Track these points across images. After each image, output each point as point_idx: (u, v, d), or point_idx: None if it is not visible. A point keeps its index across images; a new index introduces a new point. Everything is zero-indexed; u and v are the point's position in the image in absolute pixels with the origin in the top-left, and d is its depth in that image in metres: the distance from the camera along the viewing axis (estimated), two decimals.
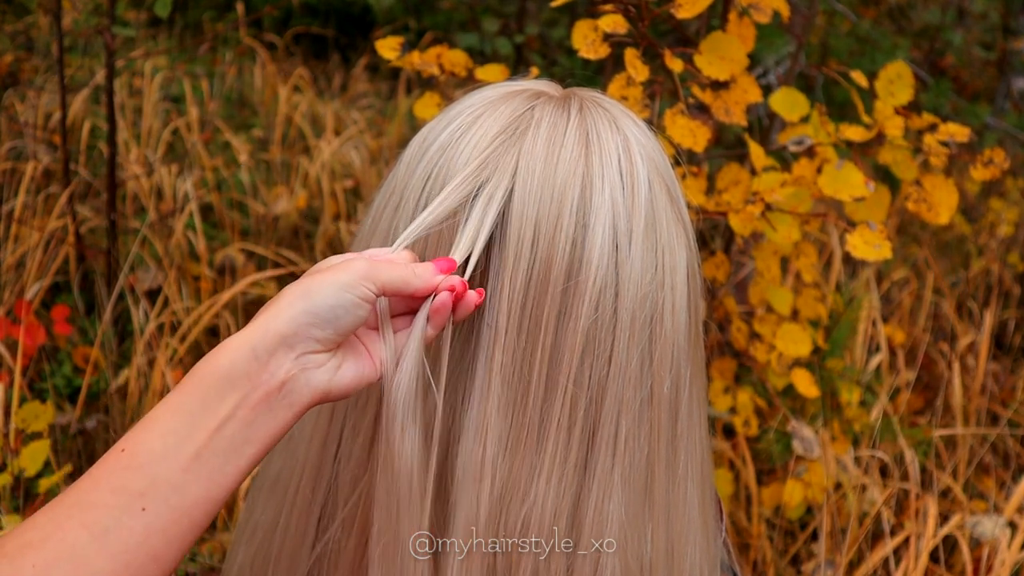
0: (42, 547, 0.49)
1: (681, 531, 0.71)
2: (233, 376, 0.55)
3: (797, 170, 1.23)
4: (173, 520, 0.52)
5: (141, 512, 0.51)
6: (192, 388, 0.54)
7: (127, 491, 0.51)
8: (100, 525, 0.50)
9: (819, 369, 1.75)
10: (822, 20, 2.95)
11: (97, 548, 0.50)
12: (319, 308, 0.57)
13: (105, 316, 1.83)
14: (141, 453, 0.52)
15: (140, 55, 2.36)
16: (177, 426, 0.53)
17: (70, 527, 0.50)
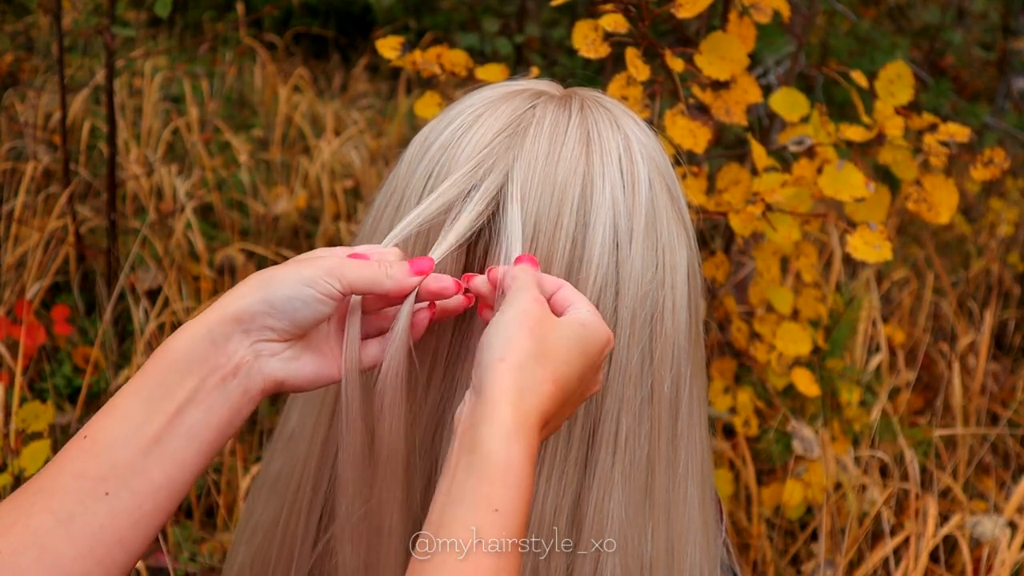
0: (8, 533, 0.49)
1: (681, 530, 0.71)
2: (191, 359, 0.55)
3: (797, 170, 1.23)
4: (136, 504, 0.53)
5: (104, 496, 0.52)
6: (151, 371, 0.55)
7: (89, 476, 0.52)
8: (65, 510, 0.51)
9: (819, 369, 1.75)
10: (822, 20, 2.95)
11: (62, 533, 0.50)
12: (276, 298, 0.57)
13: (105, 316, 1.83)
14: (102, 439, 0.53)
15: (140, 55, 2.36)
16: (136, 410, 0.54)
17: (35, 512, 0.50)
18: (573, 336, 0.58)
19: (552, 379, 0.56)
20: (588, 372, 0.59)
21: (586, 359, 0.58)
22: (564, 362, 0.57)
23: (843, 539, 1.65)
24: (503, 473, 0.51)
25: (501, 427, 0.52)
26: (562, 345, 0.57)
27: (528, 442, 0.53)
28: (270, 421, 1.85)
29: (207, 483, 1.66)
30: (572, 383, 0.57)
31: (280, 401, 1.93)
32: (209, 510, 1.70)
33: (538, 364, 0.55)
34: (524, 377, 0.54)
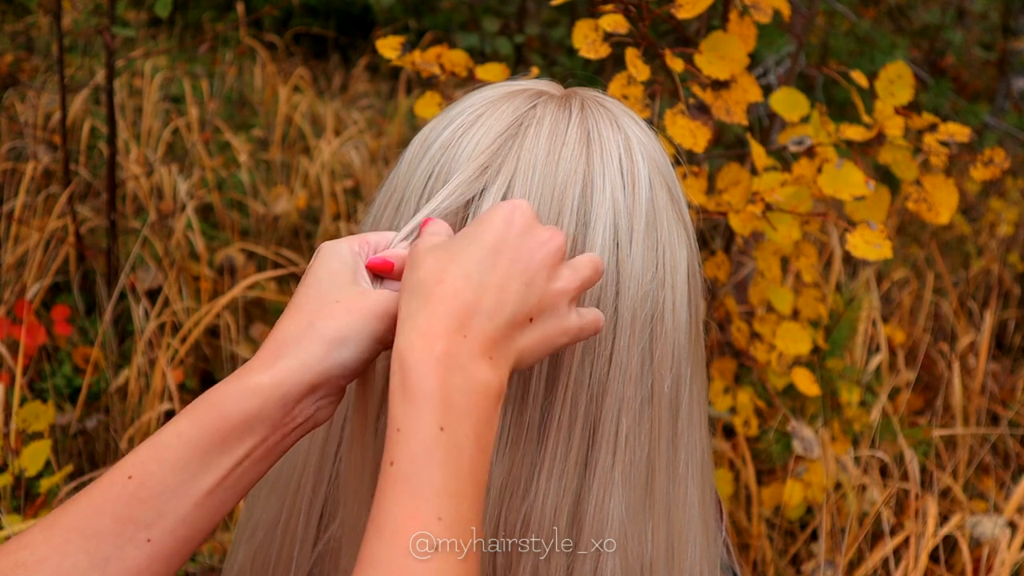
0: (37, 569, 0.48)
1: (681, 530, 0.72)
2: (257, 422, 0.54)
3: (797, 170, 1.23)
4: (176, 549, 0.52)
5: (146, 543, 0.51)
6: (210, 423, 0.53)
7: (133, 522, 0.50)
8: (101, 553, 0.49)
9: (819, 369, 1.75)
10: (822, 20, 2.95)
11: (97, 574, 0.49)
12: (350, 361, 0.56)
13: (105, 316, 1.83)
14: (151, 485, 0.51)
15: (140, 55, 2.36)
16: (191, 461, 0.52)
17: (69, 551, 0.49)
18: (451, 241, 0.58)
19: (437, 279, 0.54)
20: (499, 243, 0.57)
21: (479, 239, 0.57)
22: (447, 260, 0.56)
23: (843, 539, 1.65)
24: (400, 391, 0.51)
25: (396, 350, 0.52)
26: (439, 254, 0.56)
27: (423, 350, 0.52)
28: None
29: None
30: (471, 266, 0.55)
31: None
32: None
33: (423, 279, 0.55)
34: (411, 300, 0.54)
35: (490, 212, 0.59)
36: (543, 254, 0.58)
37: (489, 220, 0.58)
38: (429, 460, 0.50)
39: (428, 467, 0.50)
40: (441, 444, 0.50)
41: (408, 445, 0.50)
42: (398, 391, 0.51)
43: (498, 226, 0.58)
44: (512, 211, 0.59)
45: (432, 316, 0.53)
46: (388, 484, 0.50)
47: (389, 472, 0.50)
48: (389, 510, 0.49)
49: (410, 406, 0.51)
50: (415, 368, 0.51)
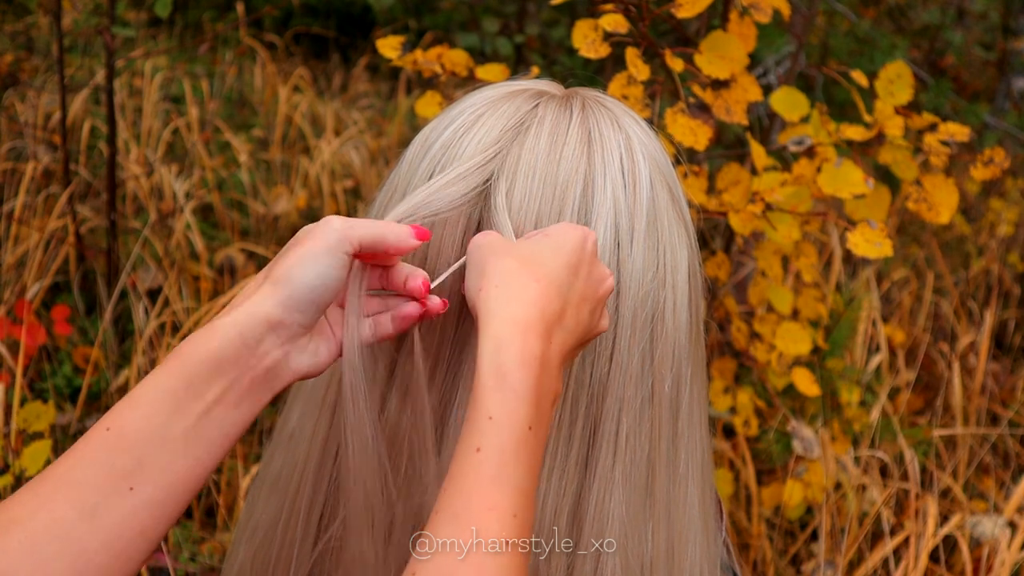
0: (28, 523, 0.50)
1: (682, 530, 0.72)
2: (222, 361, 0.55)
3: (797, 169, 1.23)
4: (159, 499, 0.53)
5: (129, 491, 0.52)
6: (178, 369, 0.54)
7: (115, 470, 0.52)
8: (88, 503, 0.51)
9: (819, 369, 1.75)
10: (822, 20, 2.95)
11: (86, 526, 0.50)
12: (303, 289, 0.57)
13: (105, 316, 1.82)
14: (128, 433, 0.53)
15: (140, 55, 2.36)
16: (163, 406, 0.53)
17: (56, 504, 0.50)
18: (539, 243, 0.60)
19: (534, 278, 0.56)
20: (580, 266, 0.59)
21: (563, 253, 0.59)
22: (540, 263, 0.58)
23: (843, 539, 1.65)
24: (495, 379, 0.52)
25: (491, 339, 0.53)
26: (531, 250, 0.58)
27: (524, 346, 0.53)
28: (270, 420, 1.85)
29: (207, 483, 1.66)
30: (561, 278, 0.58)
31: (280, 401, 1.93)
32: (209, 510, 1.70)
33: (515, 274, 0.56)
34: (505, 290, 0.55)
35: (564, 229, 0.61)
36: (603, 290, 0.61)
37: (565, 238, 0.60)
38: (518, 456, 0.51)
39: (516, 462, 0.51)
40: (528, 443, 0.52)
41: (499, 436, 0.51)
42: (493, 379, 0.52)
43: (576, 247, 0.60)
44: (585, 237, 0.61)
45: (529, 312, 0.55)
46: (471, 469, 0.50)
47: (474, 458, 0.50)
48: (469, 497, 0.50)
49: (507, 398, 0.52)
50: (515, 362, 0.53)
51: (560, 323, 0.57)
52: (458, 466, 0.51)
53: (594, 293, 0.60)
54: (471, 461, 0.51)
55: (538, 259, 0.58)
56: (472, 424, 0.52)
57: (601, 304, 0.61)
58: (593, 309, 0.60)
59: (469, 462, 0.51)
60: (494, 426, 0.51)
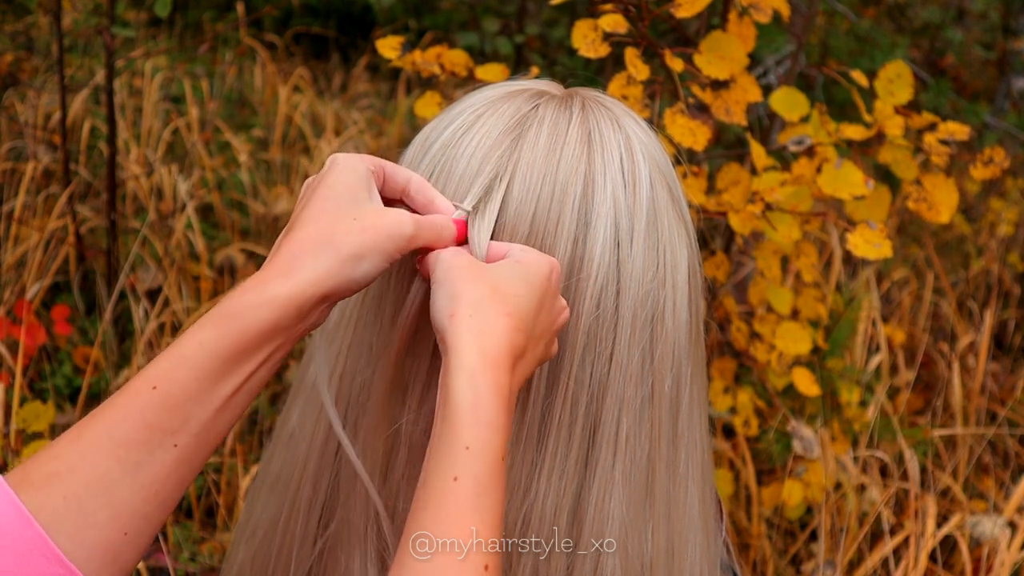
0: (71, 477, 0.51)
1: (682, 530, 0.72)
2: (276, 331, 0.56)
3: (797, 169, 1.23)
4: (198, 452, 0.55)
5: (173, 448, 0.53)
6: (230, 333, 0.55)
7: (160, 429, 0.53)
8: (132, 459, 0.52)
9: (819, 369, 1.75)
10: (822, 20, 2.95)
11: (129, 481, 0.52)
12: (364, 276, 0.58)
13: (105, 316, 1.82)
14: (176, 393, 0.53)
15: (140, 55, 2.36)
16: (213, 370, 0.55)
17: (99, 459, 0.51)
18: (511, 272, 0.60)
19: (505, 312, 0.57)
20: (544, 300, 0.60)
21: (533, 288, 0.60)
22: (511, 295, 0.58)
23: (843, 539, 1.65)
24: (471, 412, 0.53)
25: (464, 371, 0.54)
26: (503, 282, 0.59)
27: (495, 379, 0.54)
28: (270, 420, 1.85)
29: (207, 483, 1.66)
30: (528, 313, 0.59)
31: (280, 401, 1.93)
32: (209, 510, 1.70)
33: (487, 304, 0.57)
34: (477, 319, 0.56)
35: (534, 260, 0.61)
36: (560, 323, 0.62)
37: (535, 270, 0.61)
38: (494, 483, 0.53)
39: (492, 489, 0.53)
40: (501, 471, 0.54)
41: (475, 466, 0.52)
42: (469, 411, 0.53)
43: (544, 280, 0.61)
44: (552, 269, 0.62)
45: (499, 346, 0.56)
46: (448, 497, 0.52)
47: (451, 487, 0.52)
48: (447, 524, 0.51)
49: (482, 430, 0.53)
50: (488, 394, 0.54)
51: (522, 358, 0.58)
52: (433, 494, 0.52)
53: (551, 325, 0.62)
54: (448, 489, 0.52)
55: (509, 290, 0.59)
56: (447, 453, 0.53)
57: (555, 334, 0.63)
58: (548, 341, 0.62)
59: (447, 490, 0.52)
60: (471, 456, 0.52)
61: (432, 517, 0.51)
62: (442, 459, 0.53)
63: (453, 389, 0.54)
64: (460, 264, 0.60)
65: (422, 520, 0.52)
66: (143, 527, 0.52)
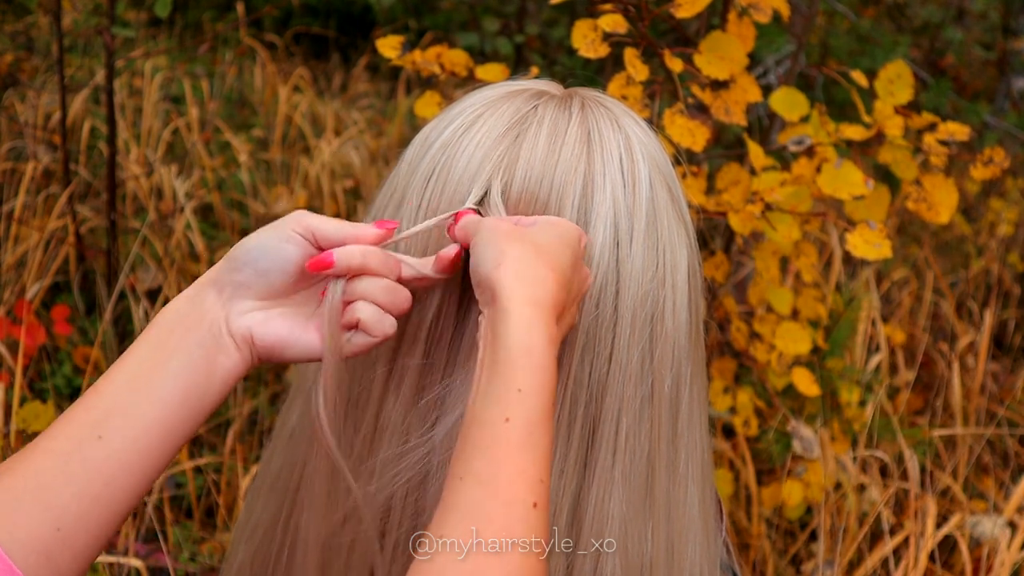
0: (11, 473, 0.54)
1: (681, 530, 0.71)
2: (176, 319, 0.61)
3: (796, 169, 1.23)
4: (125, 448, 0.56)
5: (98, 439, 0.56)
6: (147, 336, 0.60)
7: (88, 420, 0.56)
8: (62, 451, 0.55)
9: (819, 369, 1.75)
10: (822, 20, 2.95)
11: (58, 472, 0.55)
12: (239, 252, 0.62)
13: (105, 316, 1.82)
14: (103, 388, 0.58)
15: (140, 55, 2.36)
16: (135, 365, 0.59)
17: (36, 455, 0.55)
18: (551, 229, 0.61)
19: (550, 267, 0.58)
20: (577, 261, 0.62)
21: (568, 248, 0.61)
22: (553, 252, 0.59)
23: (842, 539, 1.65)
24: (525, 355, 0.54)
25: (520, 318, 0.55)
26: (545, 239, 0.60)
27: (547, 329, 0.56)
28: (269, 420, 1.85)
29: (207, 483, 1.66)
30: (568, 270, 0.60)
31: (280, 401, 1.93)
32: (209, 510, 1.70)
33: (532, 258, 0.58)
34: (526, 270, 0.57)
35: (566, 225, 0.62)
36: (584, 289, 0.64)
37: (569, 232, 0.62)
38: (545, 425, 0.54)
39: (544, 431, 0.54)
40: (551, 414, 0.55)
41: (528, 406, 0.53)
42: (523, 355, 0.54)
43: (576, 243, 0.62)
44: (581, 235, 0.63)
45: (547, 296, 0.57)
46: (500, 437, 0.53)
47: (503, 427, 0.53)
48: (498, 463, 0.52)
49: (536, 372, 0.54)
50: (541, 341, 0.55)
51: (564, 314, 0.60)
52: (483, 434, 0.53)
53: (580, 288, 0.63)
54: (500, 430, 0.53)
55: (551, 248, 0.60)
56: (497, 396, 0.54)
57: (578, 302, 0.64)
58: (577, 305, 0.63)
59: (498, 430, 0.53)
60: (524, 397, 0.54)
61: (482, 455, 0.52)
62: (494, 401, 0.54)
63: (506, 334, 0.55)
64: (502, 227, 0.61)
65: (471, 459, 0.52)
66: (75, 527, 0.54)
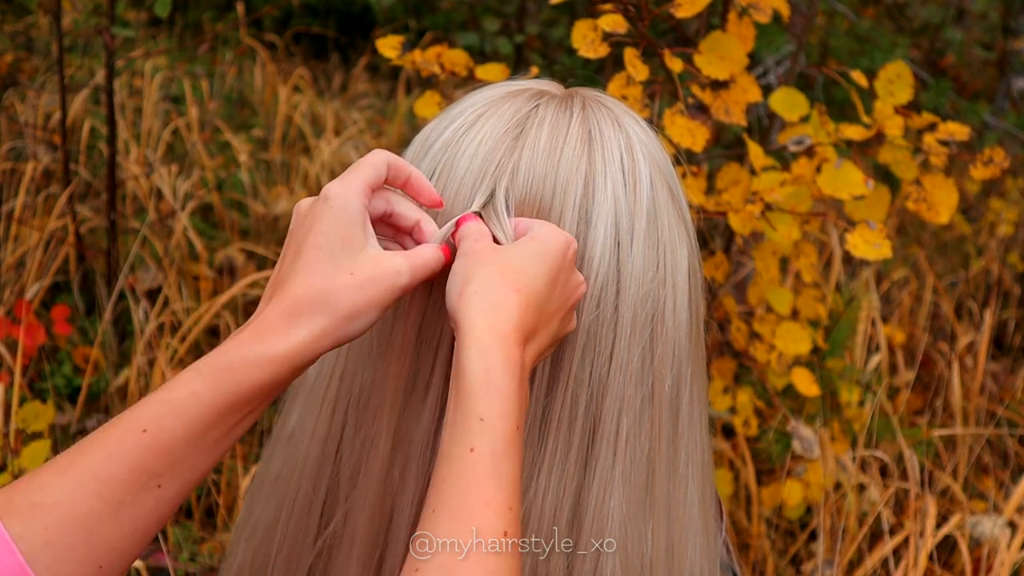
0: (54, 511, 0.51)
1: (682, 530, 0.72)
2: (270, 388, 0.57)
3: (796, 169, 1.23)
4: (180, 492, 0.55)
5: (156, 488, 0.54)
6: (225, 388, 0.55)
7: (147, 472, 0.53)
8: (116, 499, 0.52)
9: (819, 369, 1.75)
10: (822, 20, 2.95)
11: (110, 518, 0.52)
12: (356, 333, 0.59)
13: (105, 316, 1.82)
14: (165, 439, 0.54)
15: (140, 55, 2.36)
16: (204, 420, 0.55)
17: (84, 496, 0.52)
18: (525, 250, 0.61)
19: (515, 288, 0.58)
20: (558, 275, 0.61)
21: (545, 265, 0.60)
22: (522, 272, 0.59)
23: (842, 539, 1.65)
24: (483, 383, 0.54)
25: (476, 344, 0.55)
26: (515, 260, 0.60)
27: (507, 354, 0.55)
28: (269, 420, 1.85)
29: (207, 483, 1.66)
30: (539, 290, 0.59)
31: (280, 401, 1.93)
32: (209, 510, 1.70)
33: (496, 282, 0.58)
34: (487, 296, 0.57)
35: (549, 235, 0.62)
36: (576, 297, 0.63)
37: (549, 245, 0.61)
38: (509, 453, 0.54)
39: (509, 459, 0.54)
40: (517, 441, 0.55)
41: (491, 435, 0.53)
42: (481, 383, 0.54)
43: (558, 256, 0.61)
44: (568, 245, 0.62)
45: (509, 322, 0.57)
46: (466, 469, 0.53)
47: (468, 457, 0.53)
48: (466, 495, 0.52)
49: (495, 400, 0.54)
50: (500, 367, 0.55)
51: (534, 335, 0.59)
52: (451, 466, 0.53)
53: (567, 302, 0.62)
54: (466, 461, 0.53)
55: (521, 267, 0.59)
56: (462, 426, 0.54)
57: (572, 309, 0.63)
58: (563, 317, 0.62)
59: (464, 462, 0.53)
60: (486, 427, 0.53)
61: (451, 487, 0.52)
62: (458, 432, 0.54)
63: (465, 363, 0.55)
64: (475, 249, 0.60)
65: (442, 492, 0.53)
66: (118, 562, 0.53)
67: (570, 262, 0.62)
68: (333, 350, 0.70)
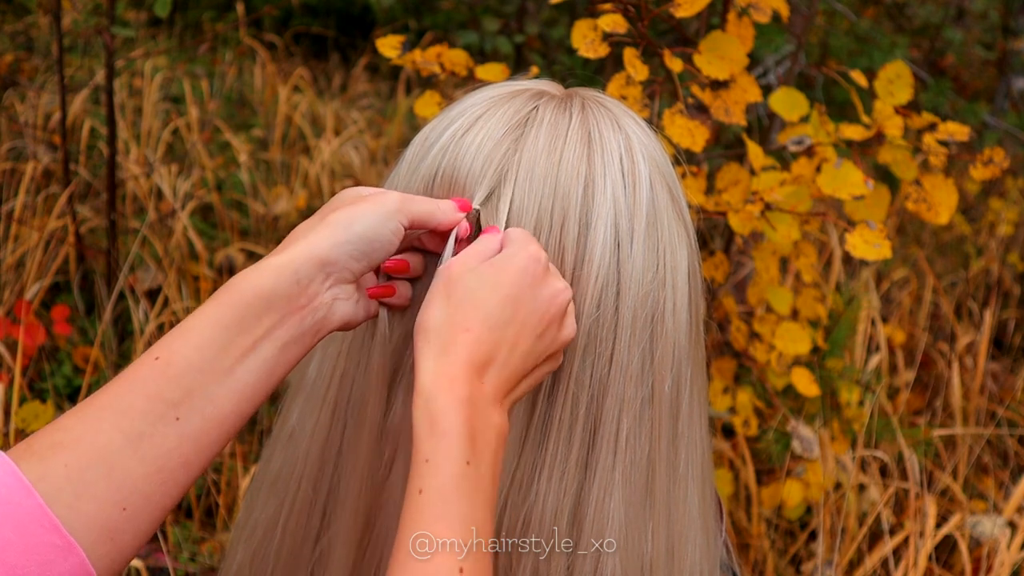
0: (74, 447, 0.50)
1: (682, 530, 0.72)
2: (273, 298, 0.57)
3: (796, 169, 1.23)
4: (205, 430, 0.54)
5: (175, 421, 0.53)
6: (229, 302, 0.56)
7: (162, 399, 0.53)
8: (135, 430, 0.52)
9: (819, 369, 1.75)
10: (822, 20, 2.95)
11: (131, 452, 0.52)
12: (360, 239, 0.59)
13: (105, 316, 1.82)
14: (177, 363, 0.54)
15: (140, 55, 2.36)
16: (213, 339, 0.55)
17: (102, 428, 0.51)
18: (477, 281, 0.60)
19: (464, 328, 0.58)
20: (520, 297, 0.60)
21: (501, 291, 0.60)
22: (473, 307, 0.59)
23: (842, 539, 1.65)
24: (428, 426, 0.54)
25: (421, 394, 0.56)
26: (467, 294, 0.59)
27: (455, 395, 0.55)
28: (269, 420, 1.85)
29: (207, 483, 1.66)
30: (496, 318, 0.59)
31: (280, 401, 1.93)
32: (209, 510, 1.70)
33: (446, 323, 0.58)
34: (437, 340, 0.57)
35: (509, 257, 0.61)
36: (555, 308, 0.62)
37: (508, 267, 0.61)
38: (458, 491, 0.53)
39: (458, 497, 0.53)
40: (468, 477, 0.54)
41: (437, 476, 0.53)
42: (425, 427, 0.54)
43: (516, 276, 0.60)
44: (528, 261, 0.61)
45: (456, 361, 0.56)
46: (417, 511, 0.53)
47: (418, 500, 0.53)
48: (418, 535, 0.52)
49: (440, 441, 0.54)
50: (443, 408, 0.55)
51: (492, 363, 0.58)
52: (407, 508, 0.54)
53: (542, 315, 0.61)
54: (416, 502, 0.53)
55: (473, 302, 0.59)
56: (413, 468, 0.54)
57: (556, 320, 0.62)
58: (541, 332, 0.61)
59: (415, 503, 0.53)
60: (431, 468, 0.54)
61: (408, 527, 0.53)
62: (413, 473, 0.54)
63: (412, 408, 0.56)
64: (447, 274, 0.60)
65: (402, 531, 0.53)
66: (142, 507, 0.52)
67: (537, 278, 0.61)
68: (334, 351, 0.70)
